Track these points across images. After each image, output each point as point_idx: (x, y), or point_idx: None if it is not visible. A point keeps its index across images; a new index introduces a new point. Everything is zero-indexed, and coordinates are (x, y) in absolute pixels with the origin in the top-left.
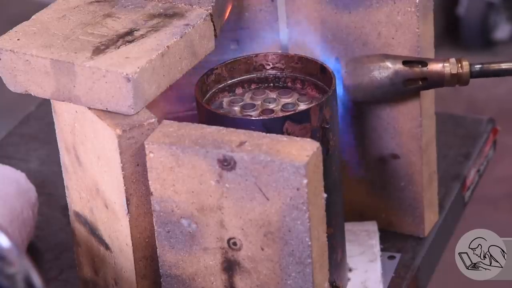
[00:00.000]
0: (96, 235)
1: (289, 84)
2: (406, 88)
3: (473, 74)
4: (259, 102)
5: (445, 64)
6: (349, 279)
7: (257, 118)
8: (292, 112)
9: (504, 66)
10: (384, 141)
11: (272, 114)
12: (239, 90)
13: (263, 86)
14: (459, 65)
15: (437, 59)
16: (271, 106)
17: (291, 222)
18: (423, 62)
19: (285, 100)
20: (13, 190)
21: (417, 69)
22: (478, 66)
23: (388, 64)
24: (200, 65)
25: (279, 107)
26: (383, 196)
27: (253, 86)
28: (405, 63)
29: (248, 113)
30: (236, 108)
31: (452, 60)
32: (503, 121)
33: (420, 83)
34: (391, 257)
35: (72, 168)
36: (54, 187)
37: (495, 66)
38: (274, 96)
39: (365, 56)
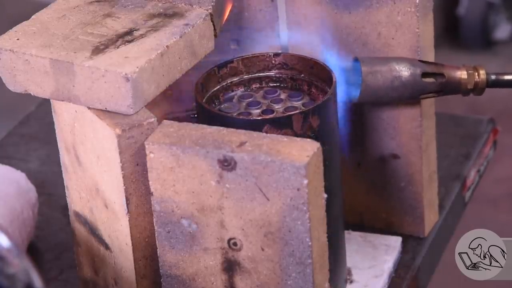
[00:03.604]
0: (96, 235)
1: (305, 87)
2: (422, 97)
3: (489, 84)
4: (267, 101)
5: (462, 77)
6: None
7: (239, 117)
8: (272, 116)
9: None
10: (384, 141)
11: (259, 116)
12: (255, 86)
13: (281, 86)
14: (476, 73)
15: (454, 67)
16: (277, 107)
17: (292, 222)
18: (441, 74)
19: (293, 103)
20: (13, 191)
21: (435, 82)
22: (493, 76)
23: (409, 71)
24: (200, 65)
25: (282, 109)
26: (383, 196)
27: (271, 84)
28: (424, 75)
29: (250, 111)
30: (243, 104)
31: (470, 70)
32: (503, 122)
33: (436, 94)
34: None
35: (72, 168)
36: (54, 187)
37: (511, 77)
38: (284, 97)
39: (386, 57)
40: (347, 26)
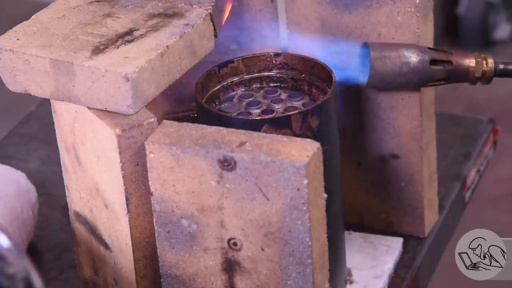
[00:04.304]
0: (96, 235)
1: (306, 87)
2: (430, 84)
3: (497, 73)
4: (267, 101)
5: (470, 65)
6: None
7: (237, 117)
8: (271, 116)
9: None
10: (384, 141)
11: (259, 116)
12: (256, 86)
13: (281, 86)
14: (484, 62)
15: (462, 55)
16: (277, 107)
17: (292, 222)
18: (449, 62)
19: (293, 103)
20: (13, 191)
21: (443, 69)
22: (502, 65)
23: (418, 58)
24: (200, 65)
25: (282, 109)
26: (383, 196)
27: (271, 84)
28: (432, 62)
29: (250, 111)
30: (243, 104)
31: (479, 58)
32: (503, 122)
33: (444, 81)
34: None
35: (72, 168)
36: (54, 187)
37: None
38: (284, 97)
39: (395, 43)
40: (347, 26)
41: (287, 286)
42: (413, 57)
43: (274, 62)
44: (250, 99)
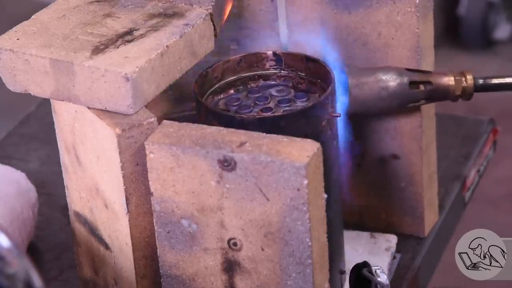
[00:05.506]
0: (96, 235)
1: (306, 87)
2: (409, 106)
3: (477, 88)
4: (267, 100)
5: (450, 83)
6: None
7: (235, 116)
8: (270, 115)
9: (508, 80)
10: (385, 141)
11: (258, 114)
12: (255, 84)
13: (281, 85)
14: (464, 79)
15: (441, 74)
16: (276, 106)
17: (292, 222)
18: (429, 82)
19: (292, 102)
20: (13, 191)
21: (423, 90)
22: (481, 80)
23: (396, 81)
24: (200, 65)
25: (281, 108)
26: (383, 196)
27: (271, 83)
28: (411, 84)
29: (249, 110)
30: (243, 103)
31: (458, 76)
32: (503, 122)
33: (425, 101)
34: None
35: (72, 168)
36: (54, 187)
37: (498, 80)
38: (284, 96)
39: (373, 68)
40: (347, 26)
41: (287, 286)
42: (391, 81)
43: (274, 61)
44: (249, 97)
